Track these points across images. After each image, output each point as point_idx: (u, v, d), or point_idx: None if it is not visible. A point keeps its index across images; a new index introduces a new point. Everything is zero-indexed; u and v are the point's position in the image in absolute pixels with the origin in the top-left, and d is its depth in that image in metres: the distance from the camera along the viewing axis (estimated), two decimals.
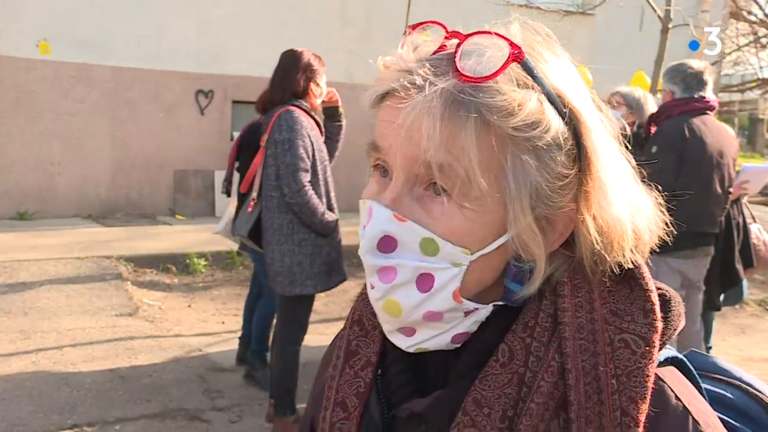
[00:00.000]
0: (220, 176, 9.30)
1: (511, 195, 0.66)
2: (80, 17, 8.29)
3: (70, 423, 3.66)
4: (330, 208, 3.52)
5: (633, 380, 0.65)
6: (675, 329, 0.71)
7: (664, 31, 5.89)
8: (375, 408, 0.77)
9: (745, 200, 4.39)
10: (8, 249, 6.75)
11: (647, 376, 0.66)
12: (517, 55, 0.65)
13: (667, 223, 0.74)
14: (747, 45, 15.63)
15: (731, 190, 3.93)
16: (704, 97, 3.79)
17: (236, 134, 9.43)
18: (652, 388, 0.66)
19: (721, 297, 4.35)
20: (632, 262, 0.71)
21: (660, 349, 0.69)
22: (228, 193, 4.26)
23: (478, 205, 0.66)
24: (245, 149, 4.04)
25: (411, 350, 0.72)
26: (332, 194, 3.57)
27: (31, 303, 5.44)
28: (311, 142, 3.43)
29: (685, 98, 3.78)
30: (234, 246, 6.96)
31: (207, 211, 9.25)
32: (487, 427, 0.66)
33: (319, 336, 4.64)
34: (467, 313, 0.70)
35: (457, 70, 0.65)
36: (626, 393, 0.65)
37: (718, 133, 3.80)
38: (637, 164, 0.74)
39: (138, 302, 5.72)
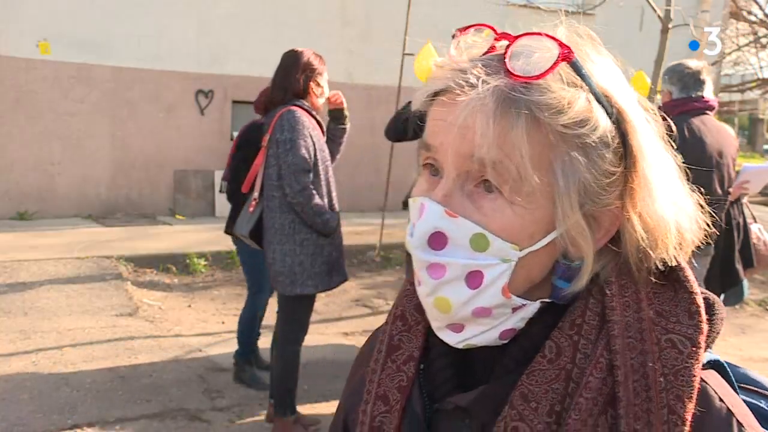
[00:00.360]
0: (220, 176, 9.30)
1: (561, 191, 0.68)
2: (80, 17, 8.29)
3: (70, 423, 3.66)
4: (331, 208, 3.52)
5: (680, 379, 0.67)
6: (718, 333, 0.72)
7: (664, 31, 5.88)
8: (417, 402, 0.78)
9: (745, 200, 4.38)
10: (8, 249, 6.75)
11: (694, 376, 0.67)
12: (566, 55, 0.67)
13: (708, 224, 0.75)
14: (747, 45, 15.63)
15: (731, 190, 3.93)
16: (703, 97, 3.79)
17: (236, 134, 9.51)
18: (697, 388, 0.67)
19: (722, 297, 4.35)
20: (676, 264, 0.73)
21: (704, 351, 0.70)
22: (228, 193, 4.26)
23: (528, 202, 0.67)
24: (244, 148, 4.04)
25: (459, 346, 0.73)
26: (334, 194, 3.58)
27: (31, 303, 5.44)
28: (313, 142, 3.43)
29: (683, 98, 3.78)
30: (232, 246, 6.96)
31: (207, 211, 9.26)
32: (534, 421, 0.68)
33: (319, 336, 4.64)
34: (515, 310, 0.72)
35: (508, 70, 0.67)
36: (673, 391, 0.66)
37: (718, 133, 3.80)
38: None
39: (138, 302, 5.72)
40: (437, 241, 0.69)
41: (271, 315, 4.25)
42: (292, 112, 3.40)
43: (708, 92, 3.84)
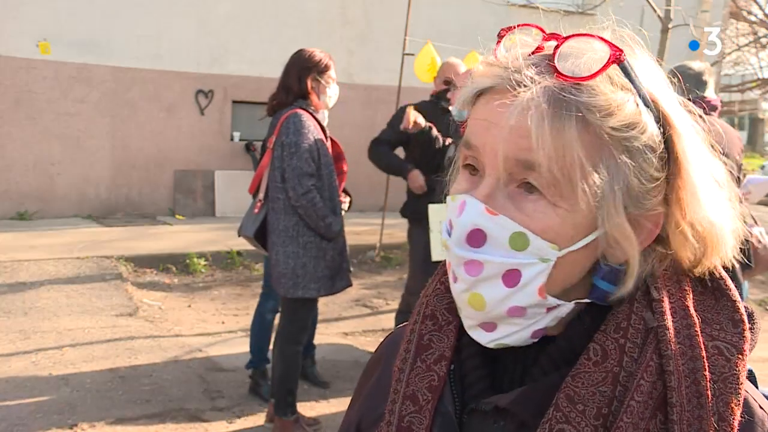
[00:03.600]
0: (220, 176, 9.31)
1: (606, 194, 0.67)
2: (80, 17, 8.29)
3: (70, 423, 3.65)
4: (335, 211, 3.52)
5: (729, 386, 0.67)
6: (756, 342, 0.73)
7: (664, 31, 5.88)
8: (449, 402, 0.77)
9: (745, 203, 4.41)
10: (8, 249, 6.75)
11: (741, 384, 0.67)
12: (617, 57, 0.67)
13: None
14: (747, 45, 15.62)
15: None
16: (705, 98, 3.79)
17: (236, 134, 9.52)
18: None
19: None
20: (717, 274, 0.73)
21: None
22: None
23: (571, 204, 0.67)
24: None
25: (491, 345, 0.73)
26: (337, 198, 3.58)
27: (31, 303, 5.44)
28: (317, 146, 3.44)
29: (684, 100, 3.78)
30: (233, 246, 6.98)
31: (207, 211, 9.26)
32: (581, 424, 0.67)
33: (319, 336, 4.64)
34: (549, 310, 0.71)
35: (557, 71, 0.66)
36: (723, 398, 0.67)
37: (720, 134, 3.80)
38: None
39: (138, 302, 5.72)
40: (476, 238, 0.69)
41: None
42: (298, 115, 3.41)
43: (710, 93, 3.84)
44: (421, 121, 4.06)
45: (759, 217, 4.70)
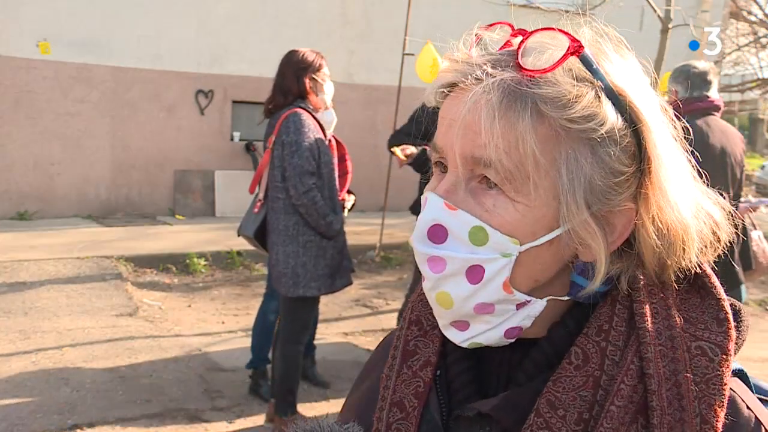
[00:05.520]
0: (220, 176, 9.31)
1: (564, 188, 0.66)
2: (80, 17, 8.29)
3: (70, 423, 3.65)
4: (335, 210, 3.53)
5: (712, 388, 0.66)
6: (744, 340, 0.72)
7: (664, 31, 5.88)
8: (435, 408, 0.76)
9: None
10: (8, 249, 6.75)
11: (725, 384, 0.66)
12: (576, 49, 0.66)
13: (736, 227, 0.74)
14: (747, 45, 15.61)
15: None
16: (708, 97, 3.78)
17: (236, 134, 9.52)
18: None
19: None
20: (701, 271, 0.72)
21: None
22: None
23: (530, 199, 0.66)
24: None
25: (465, 345, 0.72)
26: (337, 196, 3.58)
27: (31, 303, 5.44)
28: (317, 144, 3.44)
29: (687, 99, 3.77)
30: (233, 246, 6.98)
31: (207, 211, 9.25)
32: (562, 429, 0.67)
33: (319, 336, 4.64)
34: (519, 306, 0.70)
35: (518, 64, 0.66)
36: (705, 400, 0.65)
37: (723, 134, 3.79)
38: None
39: (138, 302, 5.72)
40: (437, 234, 0.68)
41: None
42: (297, 114, 3.41)
43: (714, 93, 3.83)
44: (411, 150, 4.13)
45: (757, 216, 4.71)
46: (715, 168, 3.71)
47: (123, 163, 8.86)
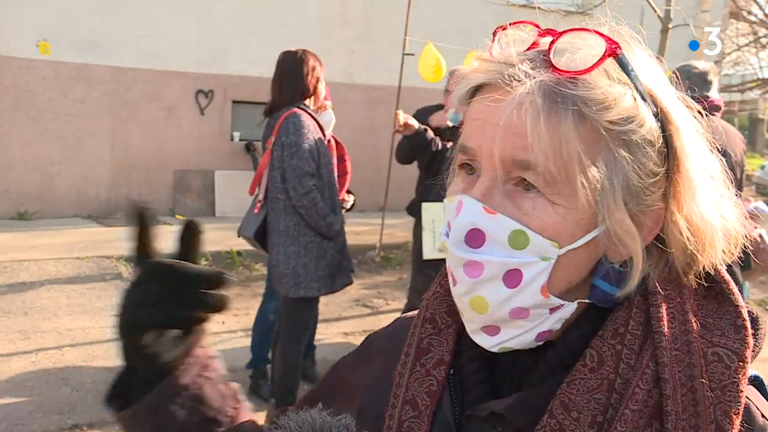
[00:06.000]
0: (220, 176, 9.31)
1: (605, 189, 0.66)
2: (80, 17, 8.29)
3: (70, 423, 3.66)
4: (335, 211, 3.52)
5: (728, 394, 0.65)
6: (761, 348, 0.71)
7: (664, 31, 5.89)
8: (447, 407, 0.76)
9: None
10: (8, 249, 6.75)
11: (741, 391, 0.66)
12: (613, 50, 0.66)
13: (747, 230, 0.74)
14: (747, 45, 15.62)
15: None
16: (708, 97, 3.78)
17: (236, 134, 9.52)
18: None
19: None
20: (720, 277, 0.72)
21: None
22: None
23: (570, 201, 0.66)
24: None
25: (494, 350, 0.71)
26: (337, 197, 3.58)
27: (31, 303, 5.44)
28: (317, 145, 3.44)
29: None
30: (233, 246, 6.98)
31: (207, 211, 9.26)
32: (575, 431, 0.66)
33: (318, 336, 4.64)
34: (552, 310, 0.69)
35: (553, 65, 0.65)
36: (721, 407, 0.65)
37: (724, 134, 3.79)
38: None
39: None
40: (474, 238, 0.67)
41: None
42: (297, 115, 3.40)
43: (714, 93, 3.83)
44: (414, 123, 4.03)
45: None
46: None
47: (123, 163, 8.86)
